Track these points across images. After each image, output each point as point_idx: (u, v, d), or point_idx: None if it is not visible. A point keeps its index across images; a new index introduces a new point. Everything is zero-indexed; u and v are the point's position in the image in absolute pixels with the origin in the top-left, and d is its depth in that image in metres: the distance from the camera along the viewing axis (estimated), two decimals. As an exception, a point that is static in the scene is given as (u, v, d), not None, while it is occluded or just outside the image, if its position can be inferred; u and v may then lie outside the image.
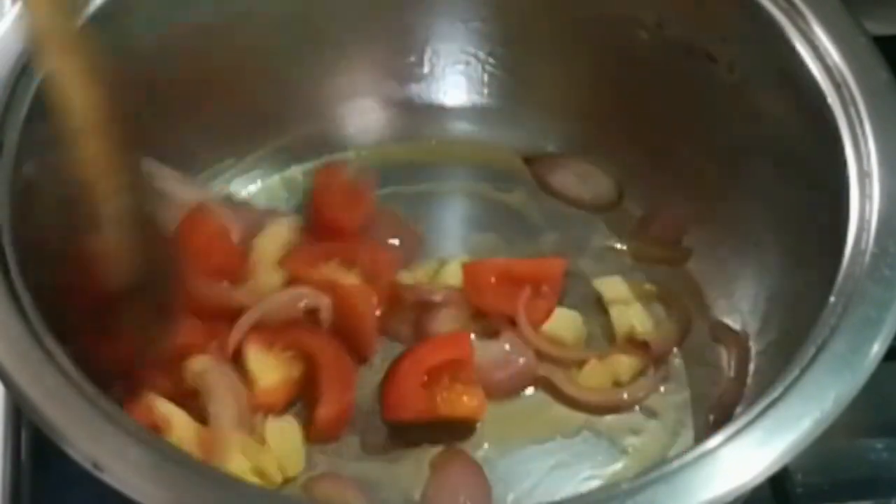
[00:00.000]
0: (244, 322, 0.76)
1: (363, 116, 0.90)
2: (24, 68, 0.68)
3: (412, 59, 0.89)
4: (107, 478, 0.55)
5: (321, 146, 0.89)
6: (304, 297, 0.78)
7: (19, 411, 0.75)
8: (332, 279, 0.79)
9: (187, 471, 0.56)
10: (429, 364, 0.75)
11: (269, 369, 0.76)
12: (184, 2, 0.78)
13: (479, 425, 0.77)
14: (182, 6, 0.78)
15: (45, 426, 0.57)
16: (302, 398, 0.78)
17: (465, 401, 0.76)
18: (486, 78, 0.90)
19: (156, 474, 0.55)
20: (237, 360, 0.76)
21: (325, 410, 0.75)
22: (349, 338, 0.78)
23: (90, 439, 0.56)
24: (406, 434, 0.77)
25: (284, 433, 0.75)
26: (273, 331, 0.77)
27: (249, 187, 0.88)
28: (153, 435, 0.56)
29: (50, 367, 0.58)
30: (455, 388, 0.76)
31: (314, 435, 0.76)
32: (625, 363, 0.79)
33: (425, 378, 0.75)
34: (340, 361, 0.77)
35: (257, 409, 0.75)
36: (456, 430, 0.77)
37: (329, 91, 0.88)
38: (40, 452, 0.75)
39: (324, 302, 0.78)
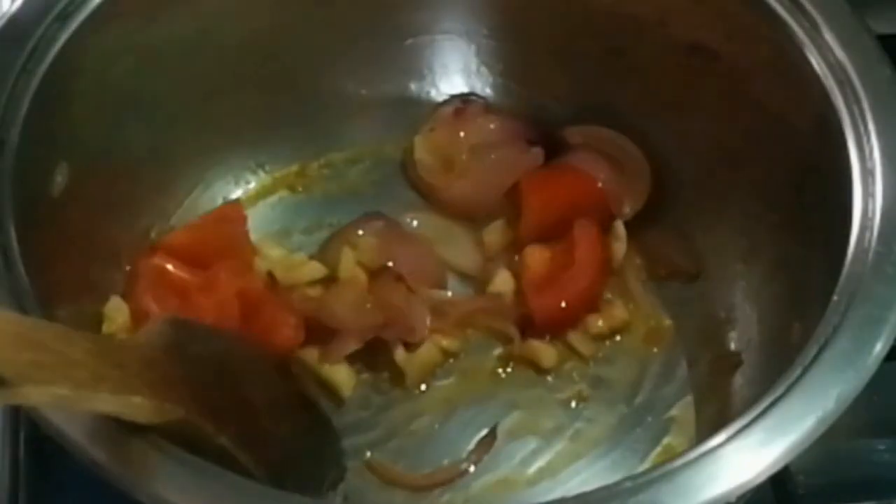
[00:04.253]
0: None
1: (361, 115, 0.90)
2: (25, 66, 0.69)
3: (410, 57, 0.89)
4: (106, 476, 0.55)
5: (319, 145, 0.90)
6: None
7: (18, 410, 0.75)
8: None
9: (188, 468, 0.55)
10: None
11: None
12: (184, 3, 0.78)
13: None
14: (181, 6, 0.78)
15: (44, 424, 0.56)
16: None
17: None
18: (485, 77, 0.90)
19: (157, 472, 0.55)
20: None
21: None
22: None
23: (90, 437, 0.56)
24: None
25: None
26: None
27: (247, 186, 0.88)
28: (154, 432, 0.56)
29: (50, 365, 0.58)
30: None
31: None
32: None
33: None
34: None
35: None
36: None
37: (327, 90, 0.89)
38: (39, 451, 0.75)
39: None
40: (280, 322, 0.78)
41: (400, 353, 0.80)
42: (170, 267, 0.80)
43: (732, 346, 0.80)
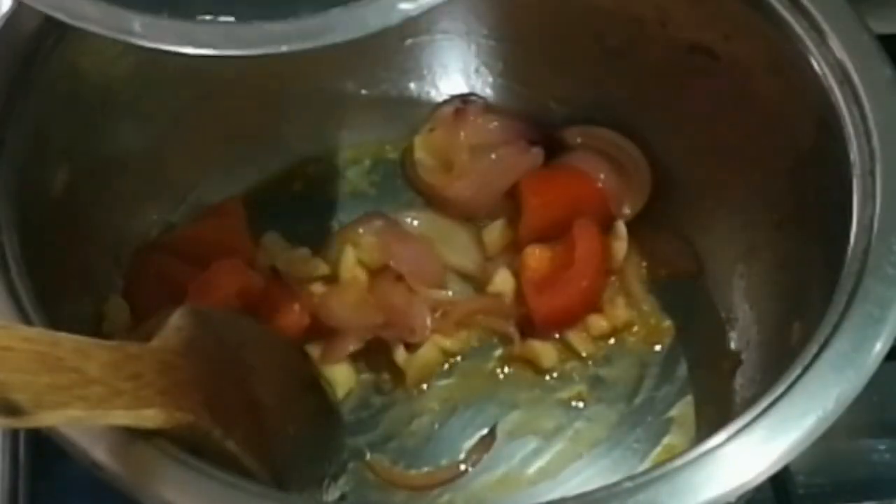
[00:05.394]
0: None
1: (361, 115, 0.90)
2: (24, 66, 0.69)
3: (410, 57, 0.89)
4: (106, 477, 0.55)
5: (319, 145, 0.90)
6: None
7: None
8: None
9: (189, 469, 0.55)
10: None
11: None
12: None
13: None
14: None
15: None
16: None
17: None
18: (484, 77, 0.90)
19: (157, 472, 0.55)
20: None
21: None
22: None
23: (89, 438, 0.55)
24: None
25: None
26: None
27: (247, 186, 0.88)
28: (158, 435, 0.56)
29: (49, 365, 0.58)
30: None
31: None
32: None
33: None
34: None
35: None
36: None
37: (328, 90, 0.89)
38: (39, 452, 0.75)
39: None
40: (284, 308, 0.78)
41: (400, 353, 0.80)
42: (170, 265, 0.80)
43: (732, 346, 0.80)
